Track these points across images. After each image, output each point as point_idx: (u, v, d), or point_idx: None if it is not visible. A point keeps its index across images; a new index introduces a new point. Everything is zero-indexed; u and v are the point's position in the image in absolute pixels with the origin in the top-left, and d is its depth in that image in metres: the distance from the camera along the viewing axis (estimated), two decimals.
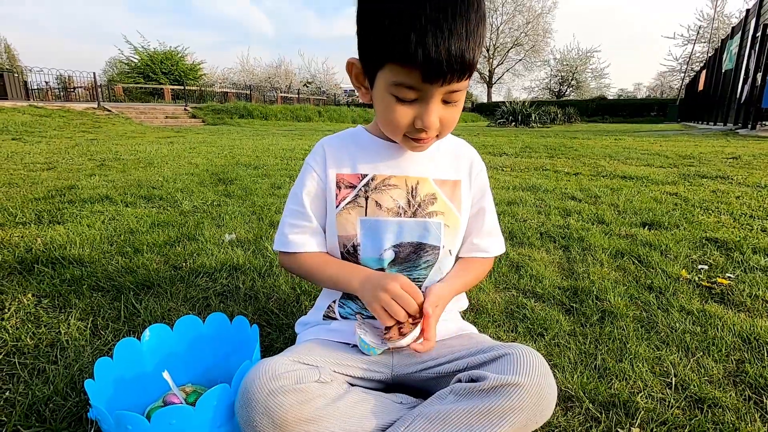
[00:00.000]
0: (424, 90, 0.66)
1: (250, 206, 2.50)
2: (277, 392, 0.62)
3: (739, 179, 3.43)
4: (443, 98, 0.68)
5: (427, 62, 0.61)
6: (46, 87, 17.01)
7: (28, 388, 0.90)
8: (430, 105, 0.68)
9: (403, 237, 0.80)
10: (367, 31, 0.67)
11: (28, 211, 2.26)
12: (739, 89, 12.26)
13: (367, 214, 0.80)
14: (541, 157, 5.11)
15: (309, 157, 0.86)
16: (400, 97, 0.68)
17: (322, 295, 0.92)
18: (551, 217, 2.30)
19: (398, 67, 0.64)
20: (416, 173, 0.82)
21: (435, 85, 0.64)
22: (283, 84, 32.70)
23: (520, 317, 1.24)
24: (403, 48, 0.61)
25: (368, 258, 0.82)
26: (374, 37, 0.65)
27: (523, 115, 16.48)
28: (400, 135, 0.74)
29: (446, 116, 0.71)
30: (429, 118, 0.68)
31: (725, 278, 1.50)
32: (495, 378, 0.63)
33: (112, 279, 1.43)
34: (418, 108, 0.69)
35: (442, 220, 0.82)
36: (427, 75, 0.63)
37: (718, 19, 30.06)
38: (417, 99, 0.68)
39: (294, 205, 0.85)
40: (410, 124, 0.71)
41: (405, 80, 0.65)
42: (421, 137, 0.73)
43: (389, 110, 0.70)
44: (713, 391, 0.91)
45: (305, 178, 0.84)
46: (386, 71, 0.66)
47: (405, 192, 0.81)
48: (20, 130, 7.86)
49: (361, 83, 0.75)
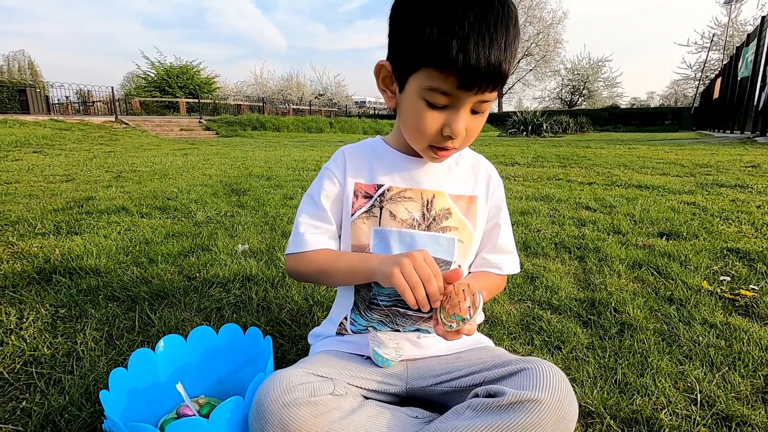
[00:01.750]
0: (457, 97, 0.66)
1: (263, 217, 2.51)
2: (291, 405, 0.61)
3: (759, 188, 3.34)
4: (473, 107, 0.69)
5: (467, 69, 0.61)
6: (66, 101, 17.52)
7: (44, 398, 0.90)
8: (460, 112, 0.68)
9: (415, 249, 0.79)
10: (404, 34, 0.67)
11: (47, 222, 2.30)
12: (756, 97, 12.04)
13: (381, 224, 0.80)
14: (553, 166, 5.06)
15: (329, 163, 0.86)
16: (431, 102, 0.67)
17: (335, 306, 0.91)
18: (565, 227, 2.26)
19: (435, 71, 0.64)
20: (432, 187, 0.82)
21: (470, 92, 0.65)
22: (295, 96, 33.17)
23: (537, 329, 1.22)
24: (445, 53, 0.61)
25: None
26: (412, 41, 0.65)
27: (535, 125, 16.40)
28: (425, 142, 0.73)
29: (472, 126, 0.71)
30: (458, 125, 0.68)
31: (749, 290, 1.45)
32: (514, 393, 0.61)
33: (128, 289, 1.44)
34: (447, 115, 0.69)
35: (456, 235, 0.81)
36: (464, 81, 0.63)
37: (733, 26, 29.74)
38: (448, 106, 0.68)
39: (311, 207, 0.84)
40: (438, 131, 0.70)
41: (441, 85, 0.65)
42: (446, 146, 0.73)
43: (418, 115, 0.70)
44: (741, 409, 0.87)
45: (324, 182, 0.84)
46: (421, 75, 0.66)
47: (420, 205, 0.80)
48: (41, 143, 8.09)
49: (388, 87, 0.75)
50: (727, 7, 29.64)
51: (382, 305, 0.82)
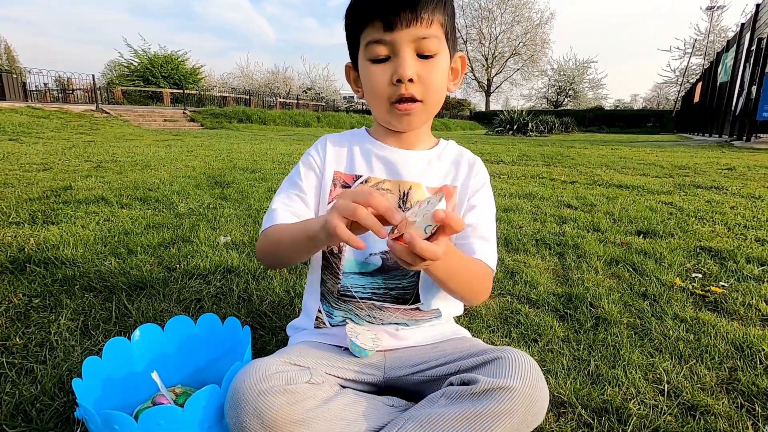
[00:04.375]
0: (392, 42, 0.70)
1: (246, 209, 2.49)
2: (267, 393, 0.61)
3: (733, 190, 3.45)
4: (417, 51, 0.72)
5: (383, 7, 0.68)
6: (44, 88, 16.98)
7: (15, 387, 0.89)
8: (401, 55, 0.71)
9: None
10: (346, 21, 0.77)
11: (22, 211, 2.24)
12: (734, 101, 12.39)
13: None
14: (537, 165, 5.13)
15: (310, 150, 0.86)
16: (374, 58, 0.73)
17: (305, 297, 0.90)
18: (547, 225, 2.30)
19: (367, 30, 0.72)
20: (411, 178, 0.82)
21: (396, 30, 0.69)
22: (282, 90, 32.81)
23: (514, 323, 1.24)
24: (365, 7, 0.71)
25: (353, 260, 0.81)
26: (349, 19, 0.76)
27: (521, 124, 16.57)
28: (384, 101, 0.75)
29: (425, 72, 0.72)
30: (402, 66, 0.71)
31: (719, 287, 1.50)
32: (487, 381, 0.63)
33: (105, 280, 1.42)
34: (393, 64, 0.72)
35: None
36: (386, 22, 0.69)
37: (713, 32, 30.47)
38: (390, 56, 0.72)
39: (288, 187, 0.83)
40: (389, 82, 0.73)
41: (373, 35, 0.71)
42: (401, 93, 0.73)
43: (368, 75, 0.75)
44: (706, 399, 0.91)
45: (304, 167, 0.84)
46: (362, 43, 0.74)
47: (397, 198, 0.81)
48: (17, 130, 7.84)
49: (357, 85, 0.80)
50: (708, 14, 30.37)
51: (357, 297, 0.82)
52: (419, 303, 0.83)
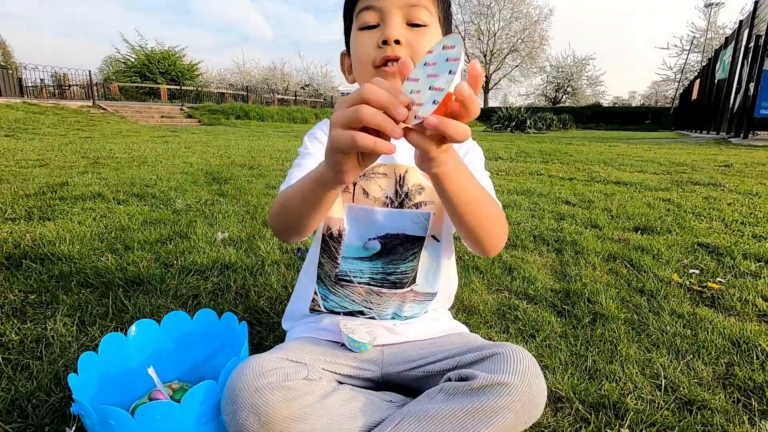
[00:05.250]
0: (381, 8, 0.70)
1: (244, 205, 2.48)
2: (263, 389, 0.61)
3: (730, 187, 3.46)
4: (406, 19, 0.71)
5: None
6: (40, 84, 16.85)
7: (10, 383, 0.88)
8: (388, 19, 0.71)
9: (389, 228, 0.79)
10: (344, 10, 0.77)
11: (18, 208, 2.23)
12: (732, 98, 12.40)
13: (354, 200, 0.79)
14: (536, 162, 5.13)
15: (310, 133, 0.85)
16: (363, 25, 0.72)
17: (300, 282, 0.89)
18: (545, 221, 2.30)
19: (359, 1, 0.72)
20: (404, 161, 0.80)
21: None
22: (280, 86, 32.67)
23: (512, 318, 1.24)
24: None
25: (352, 245, 0.81)
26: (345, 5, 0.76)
27: (519, 121, 16.55)
28: (370, 67, 0.73)
29: (414, 39, 0.72)
30: (389, 27, 0.70)
31: (716, 283, 1.51)
32: (484, 377, 0.63)
33: (102, 276, 1.41)
34: (381, 30, 0.72)
35: (431, 209, 0.80)
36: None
37: (711, 29, 30.47)
38: (379, 23, 0.72)
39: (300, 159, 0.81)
40: (376, 45, 0.72)
41: (363, 3, 0.71)
42: (387, 55, 0.71)
43: (357, 43, 0.74)
44: (702, 393, 0.91)
45: (312, 142, 0.83)
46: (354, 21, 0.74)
47: (393, 181, 0.79)
48: (13, 126, 7.79)
49: (350, 72, 0.80)
50: (705, 11, 30.35)
51: (355, 282, 0.81)
52: (414, 284, 0.82)
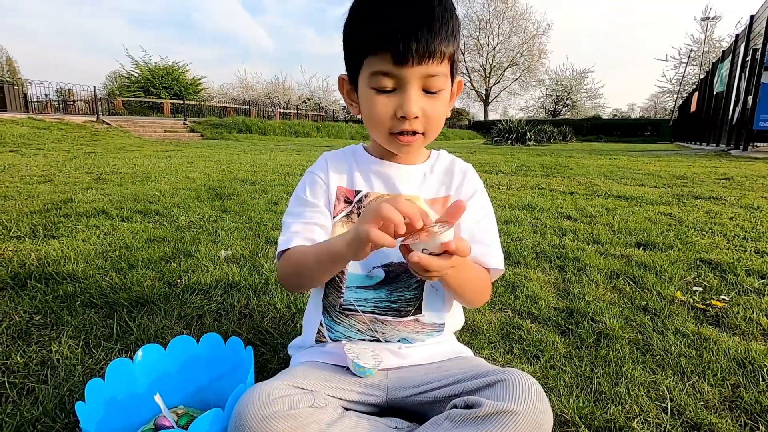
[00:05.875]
0: (400, 76, 0.69)
1: (247, 222, 2.49)
2: (270, 418, 0.61)
3: (732, 200, 3.46)
4: (423, 87, 0.71)
5: (394, 40, 0.65)
6: (45, 100, 17.08)
7: (16, 408, 0.88)
8: (408, 91, 0.70)
9: (392, 256, 0.81)
10: (346, 39, 0.74)
11: (22, 225, 2.24)
12: (730, 111, 12.49)
13: None
14: (536, 175, 5.15)
15: (312, 168, 0.87)
16: (379, 88, 0.71)
17: (307, 318, 0.90)
18: (547, 237, 2.31)
19: (373, 57, 0.69)
20: (408, 192, 0.83)
21: (407, 66, 0.67)
22: (282, 100, 33.02)
23: (516, 338, 1.24)
24: (372, 33, 0.67)
25: (355, 274, 0.82)
26: (350, 39, 0.73)
27: (519, 134, 16.67)
28: (385, 130, 0.75)
29: (429, 108, 0.72)
30: (408, 104, 0.70)
31: (720, 300, 1.50)
32: (491, 405, 0.63)
33: (106, 295, 1.42)
34: (398, 98, 0.71)
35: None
36: (397, 56, 0.66)
37: (708, 42, 30.82)
38: (396, 89, 0.71)
39: (297, 206, 0.84)
40: (392, 115, 0.72)
41: (380, 67, 0.69)
42: (404, 128, 0.73)
43: (371, 105, 0.73)
44: (709, 417, 0.90)
45: (309, 183, 0.85)
46: (365, 68, 0.71)
47: None
48: (18, 142, 7.87)
49: (351, 98, 0.79)
50: (703, 24, 30.75)
51: (360, 311, 0.82)
52: (420, 314, 0.83)
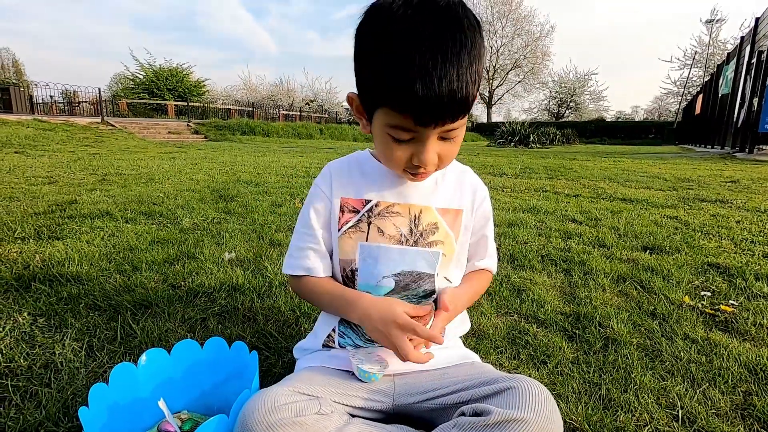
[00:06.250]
0: (419, 131, 0.67)
1: (251, 224, 2.49)
2: (275, 425, 0.60)
3: (738, 203, 3.43)
4: (440, 135, 0.69)
5: (420, 108, 0.62)
6: (51, 101, 17.17)
7: (19, 412, 0.88)
8: (426, 145, 0.69)
9: (403, 266, 0.80)
10: (362, 75, 0.69)
11: (27, 226, 2.25)
12: (735, 113, 12.42)
13: (368, 239, 0.80)
14: (540, 178, 5.13)
15: (318, 179, 0.86)
16: (396, 138, 0.69)
17: (320, 321, 0.90)
18: (552, 240, 2.29)
19: (392, 111, 0.65)
20: (420, 201, 0.82)
21: (428, 128, 0.66)
22: (285, 102, 33.10)
23: (523, 343, 1.23)
24: (395, 95, 0.63)
25: (365, 284, 0.81)
26: (368, 82, 0.68)
27: (523, 136, 16.64)
28: (400, 170, 0.75)
29: (444, 151, 0.72)
30: (426, 156, 0.70)
31: (729, 305, 1.48)
32: (500, 413, 0.62)
33: (110, 298, 1.41)
34: (414, 147, 0.70)
35: (441, 249, 0.82)
36: (420, 120, 0.64)
37: (713, 44, 30.70)
38: (413, 139, 0.69)
39: (302, 227, 0.85)
40: (408, 161, 0.72)
41: (400, 123, 0.66)
42: (419, 173, 0.74)
43: (387, 148, 0.72)
44: (721, 425, 0.89)
45: (314, 199, 0.85)
46: (381, 113, 0.68)
47: (408, 220, 0.81)
48: (23, 143, 7.92)
49: (362, 115, 0.76)
50: (708, 27, 30.64)
51: None
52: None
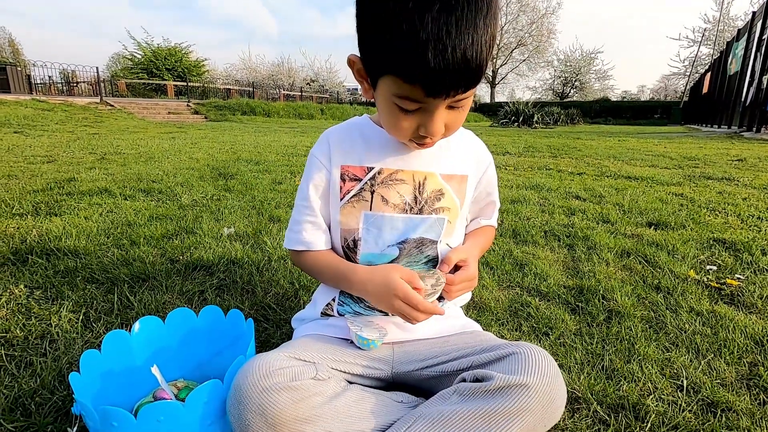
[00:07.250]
0: (428, 102, 0.62)
1: (250, 201, 2.46)
2: (271, 389, 0.59)
3: (745, 181, 3.38)
4: (448, 105, 0.64)
5: (430, 78, 0.57)
6: (49, 81, 16.96)
7: (14, 380, 0.87)
8: (434, 115, 0.64)
9: (408, 234, 0.77)
10: (367, 38, 0.62)
11: (25, 203, 2.23)
12: (744, 92, 12.18)
13: (372, 208, 0.77)
14: (544, 156, 5.06)
15: (314, 149, 0.82)
16: (402, 108, 0.64)
17: (320, 291, 0.88)
18: (555, 216, 2.26)
19: (399, 80, 0.59)
20: (423, 167, 0.78)
21: (438, 99, 0.61)
22: (285, 82, 32.64)
23: (525, 316, 1.21)
24: (405, 64, 0.57)
25: (368, 254, 0.78)
26: (374, 46, 0.61)
27: (526, 116, 16.40)
28: (405, 139, 0.71)
29: (451, 120, 0.67)
30: (434, 127, 0.65)
31: (735, 279, 1.46)
32: (501, 378, 0.60)
33: (107, 271, 1.40)
34: (421, 117, 0.65)
35: (446, 215, 0.79)
36: (430, 91, 0.59)
37: (723, 21, 29.92)
38: (420, 109, 0.64)
39: (301, 200, 0.82)
40: (414, 131, 0.67)
41: (408, 93, 0.60)
42: (425, 142, 0.70)
43: (392, 118, 0.67)
44: (726, 395, 0.87)
45: (311, 171, 0.81)
46: (388, 81, 0.62)
47: (412, 188, 0.77)
48: (22, 123, 7.85)
49: (363, 79, 0.69)
50: (717, 3, 29.80)
51: None
52: None
